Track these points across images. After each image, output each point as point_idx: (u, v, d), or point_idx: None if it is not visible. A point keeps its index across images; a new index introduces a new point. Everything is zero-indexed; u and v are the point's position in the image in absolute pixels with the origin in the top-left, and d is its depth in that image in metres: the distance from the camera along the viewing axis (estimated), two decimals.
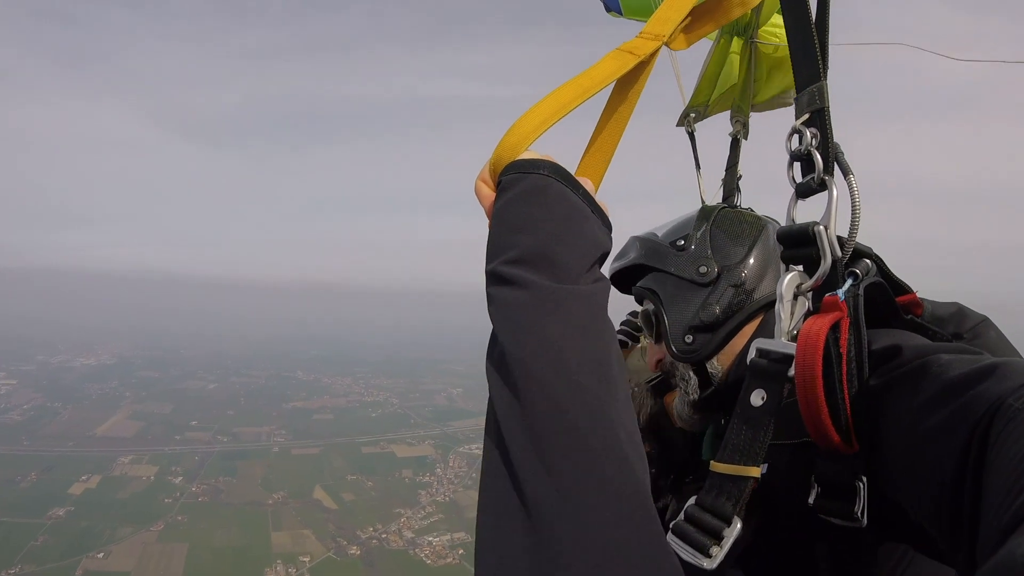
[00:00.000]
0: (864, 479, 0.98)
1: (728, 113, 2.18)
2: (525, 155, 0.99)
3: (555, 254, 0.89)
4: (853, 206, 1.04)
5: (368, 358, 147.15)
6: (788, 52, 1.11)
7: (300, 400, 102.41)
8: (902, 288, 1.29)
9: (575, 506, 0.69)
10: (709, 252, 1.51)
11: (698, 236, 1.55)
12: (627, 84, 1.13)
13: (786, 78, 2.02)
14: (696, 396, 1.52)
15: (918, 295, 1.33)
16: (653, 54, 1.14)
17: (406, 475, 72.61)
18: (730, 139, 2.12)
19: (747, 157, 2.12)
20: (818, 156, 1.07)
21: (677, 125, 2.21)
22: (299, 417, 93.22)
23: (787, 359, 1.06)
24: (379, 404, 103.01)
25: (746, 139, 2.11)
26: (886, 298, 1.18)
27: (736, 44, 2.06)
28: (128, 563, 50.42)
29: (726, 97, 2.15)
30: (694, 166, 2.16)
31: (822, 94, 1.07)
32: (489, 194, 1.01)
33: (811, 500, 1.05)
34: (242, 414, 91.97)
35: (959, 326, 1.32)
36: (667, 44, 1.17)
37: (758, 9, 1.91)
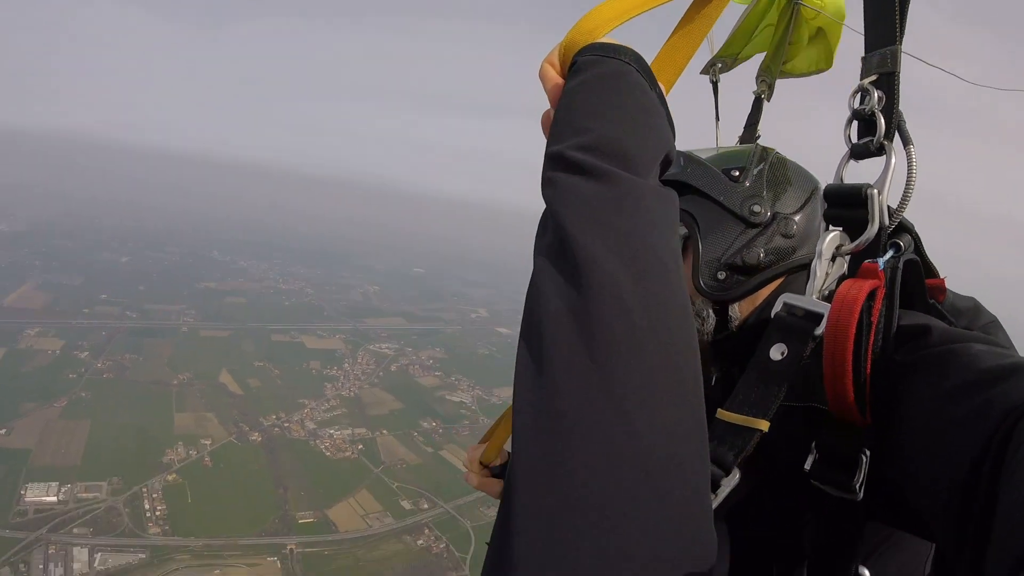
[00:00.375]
0: (867, 452, 0.95)
1: (740, 73, 2.12)
2: (604, 40, 0.93)
3: (630, 146, 0.83)
4: (909, 176, 1.00)
5: (288, 244, 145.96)
6: (827, 22, 1.16)
7: (213, 281, 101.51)
8: (931, 271, 1.24)
9: (624, 413, 0.65)
10: (765, 193, 1.36)
11: (755, 172, 1.39)
12: None
13: (822, 53, 1.98)
14: (710, 338, 1.40)
15: (945, 282, 1.27)
16: None
17: (313, 367, 72.95)
18: (753, 97, 2.04)
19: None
20: (882, 119, 1.02)
21: (701, 72, 2.14)
22: (211, 298, 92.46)
23: (815, 317, 1.03)
24: (294, 293, 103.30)
25: (769, 100, 2.03)
26: (918, 278, 1.11)
27: (780, 1, 1.97)
28: (30, 440, 48.91)
29: (757, 53, 2.08)
30: (713, 116, 2.12)
31: (895, 58, 1.01)
32: (555, 77, 0.96)
33: (807, 466, 1.02)
34: (153, 290, 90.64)
35: (972, 322, 1.28)
36: None
37: None
